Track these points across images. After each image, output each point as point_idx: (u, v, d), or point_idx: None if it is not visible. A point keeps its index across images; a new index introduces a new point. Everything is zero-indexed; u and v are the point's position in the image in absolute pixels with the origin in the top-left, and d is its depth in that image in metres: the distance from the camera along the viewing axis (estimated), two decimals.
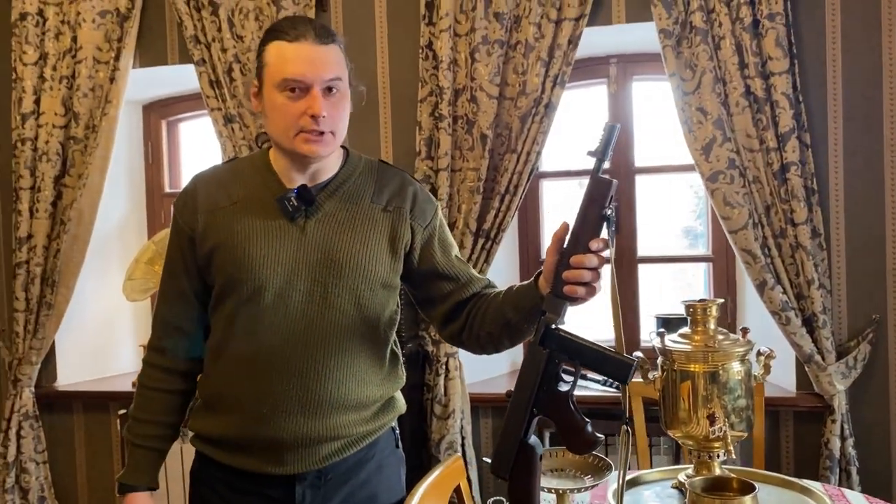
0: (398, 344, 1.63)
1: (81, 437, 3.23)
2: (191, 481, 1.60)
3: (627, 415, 1.29)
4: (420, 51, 2.70)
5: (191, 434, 1.59)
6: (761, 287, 2.47)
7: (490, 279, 1.62)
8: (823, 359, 2.47)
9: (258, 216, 1.47)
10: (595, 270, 1.27)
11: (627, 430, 1.28)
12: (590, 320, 2.40)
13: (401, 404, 1.63)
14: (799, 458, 2.61)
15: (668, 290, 3.24)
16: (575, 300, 1.28)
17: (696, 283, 3.22)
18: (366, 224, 1.50)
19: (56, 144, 3.01)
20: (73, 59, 2.99)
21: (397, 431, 1.66)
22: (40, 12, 3.01)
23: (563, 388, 1.29)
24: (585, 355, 1.28)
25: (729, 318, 2.88)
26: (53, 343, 3.14)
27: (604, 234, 1.27)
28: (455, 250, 1.61)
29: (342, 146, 1.57)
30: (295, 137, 1.42)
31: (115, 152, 3.03)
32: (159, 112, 3.42)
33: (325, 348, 1.45)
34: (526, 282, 1.47)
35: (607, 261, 1.27)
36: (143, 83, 3.15)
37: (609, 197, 1.27)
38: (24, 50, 3.01)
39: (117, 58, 2.96)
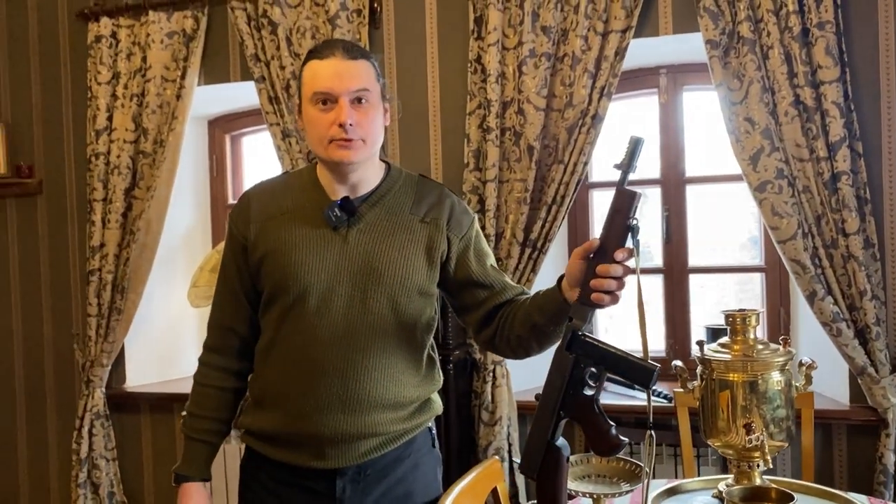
0: (435, 349, 1.69)
1: (148, 437, 3.38)
2: (240, 474, 1.70)
3: (651, 420, 1.32)
4: (469, 65, 2.77)
5: (241, 432, 1.69)
6: (811, 298, 2.44)
7: (524, 288, 1.67)
8: (877, 371, 2.42)
9: (305, 226, 1.57)
10: (619, 280, 1.30)
11: (651, 435, 1.30)
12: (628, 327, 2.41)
13: (437, 406, 1.69)
14: (852, 472, 2.56)
15: (734, 301, 3.20)
16: (600, 307, 1.33)
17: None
18: (404, 234, 1.58)
19: (127, 158, 3.18)
20: (142, 78, 3.16)
21: (434, 431, 1.72)
22: (114, 34, 3.20)
23: (589, 392, 1.33)
24: (609, 360, 1.32)
25: (782, 329, 2.84)
26: (123, 346, 3.30)
27: (629, 244, 1.31)
28: (491, 260, 1.67)
29: (385, 161, 1.66)
30: (328, 146, 1.52)
31: (181, 165, 3.18)
32: (223, 127, 3.58)
33: (364, 350, 1.54)
34: (551, 286, 1.51)
35: (632, 270, 1.30)
36: (208, 100, 3.30)
37: (633, 208, 1.30)
38: (98, 70, 3.20)
39: (183, 76, 3.12)
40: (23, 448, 3.57)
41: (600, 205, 3.13)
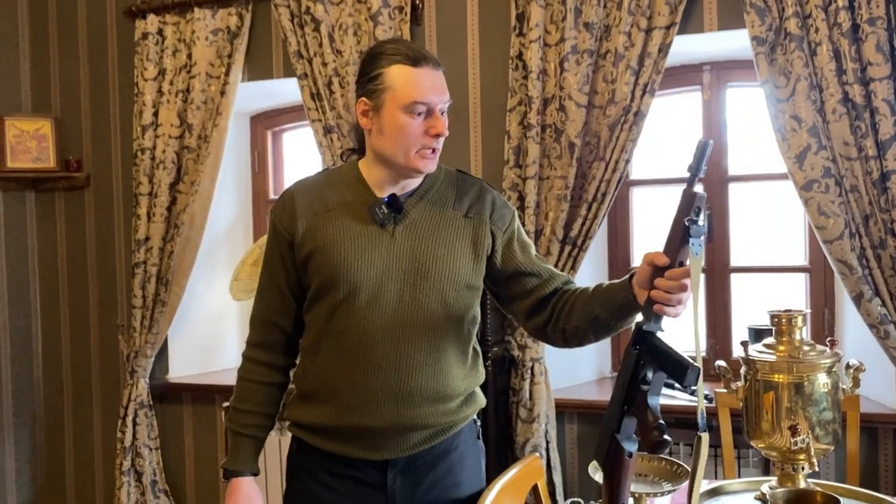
0: (478, 343, 1.72)
1: (190, 427, 3.45)
2: (288, 466, 1.72)
3: (702, 421, 1.31)
4: (510, 61, 2.76)
5: (287, 423, 1.71)
6: (858, 299, 2.40)
7: (570, 276, 1.71)
8: None
9: (352, 222, 1.59)
10: (676, 296, 1.34)
11: (700, 437, 1.30)
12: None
13: (481, 399, 1.72)
14: None
15: (787, 302, 3.15)
16: (662, 316, 1.37)
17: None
18: (449, 230, 1.60)
19: (172, 153, 3.24)
20: (187, 75, 3.21)
21: (478, 424, 1.75)
22: (160, 31, 3.26)
23: (644, 388, 1.35)
24: (659, 358, 1.34)
25: (826, 331, 2.80)
26: (166, 338, 3.36)
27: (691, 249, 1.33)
28: (533, 249, 1.70)
29: None
30: (415, 154, 1.54)
31: (224, 161, 3.23)
32: (265, 123, 3.62)
33: (415, 344, 1.56)
34: (618, 280, 1.54)
35: (688, 287, 1.34)
36: (251, 96, 3.34)
37: (694, 208, 1.33)
38: (145, 66, 3.26)
39: (227, 72, 3.17)
40: (69, 435, 3.67)
41: (641, 203, 3.11)
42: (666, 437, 1.31)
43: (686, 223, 1.33)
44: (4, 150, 3.46)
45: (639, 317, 1.44)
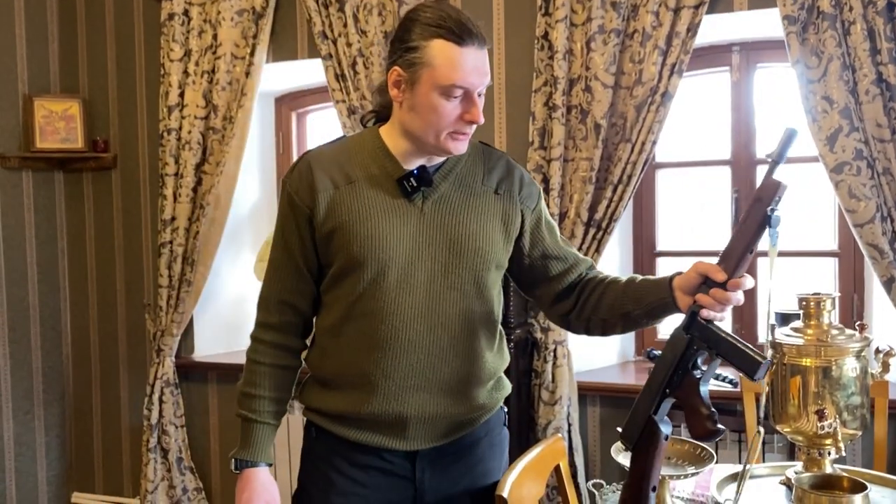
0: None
1: (215, 405, 3.49)
2: (304, 454, 1.62)
3: (762, 415, 1.32)
4: (536, 41, 2.74)
5: (303, 407, 1.62)
6: (889, 284, 2.36)
7: (591, 261, 1.66)
8: None
9: (378, 196, 1.48)
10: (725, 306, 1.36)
11: (759, 431, 1.29)
12: None
13: (508, 384, 1.67)
14: None
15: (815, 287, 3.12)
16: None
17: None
18: (480, 206, 1.52)
19: (197, 134, 3.25)
20: (213, 55, 3.21)
21: (506, 410, 1.70)
22: (186, 12, 3.26)
23: (697, 374, 1.34)
24: (722, 347, 1.33)
25: (855, 316, 2.75)
26: (192, 317, 3.40)
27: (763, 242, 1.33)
28: (557, 231, 1.65)
29: None
30: (446, 136, 1.44)
31: (248, 142, 3.24)
32: (289, 104, 3.62)
33: (449, 326, 1.49)
34: (656, 277, 1.51)
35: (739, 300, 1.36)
36: (276, 77, 3.34)
37: (776, 198, 1.31)
38: (171, 47, 3.27)
39: (252, 53, 3.17)
40: (97, 412, 3.73)
41: (666, 186, 3.07)
42: (720, 426, 1.30)
43: (768, 212, 1.31)
44: (34, 131, 3.50)
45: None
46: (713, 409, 1.31)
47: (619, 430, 1.42)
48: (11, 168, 3.50)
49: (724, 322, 1.39)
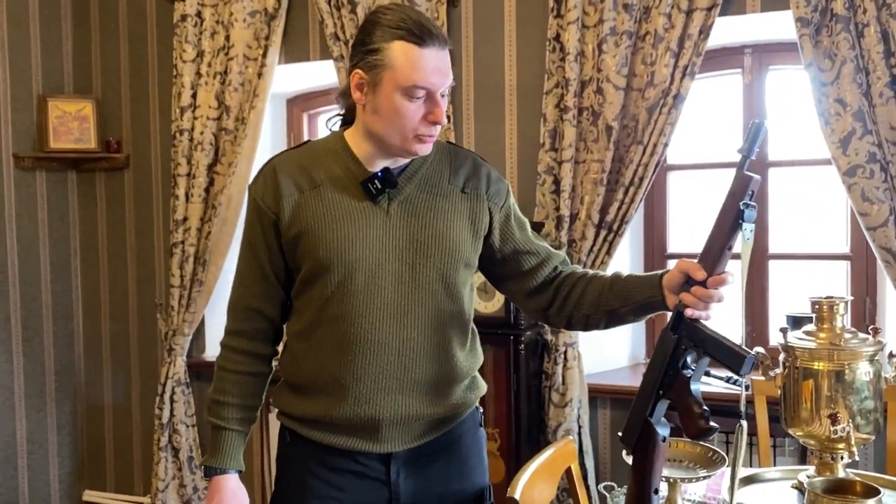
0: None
1: None
2: (279, 459, 1.62)
3: (744, 409, 1.31)
4: (547, 43, 2.74)
5: (276, 411, 1.61)
6: None
7: (564, 255, 1.65)
8: None
9: (343, 199, 1.48)
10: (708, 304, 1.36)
11: (741, 425, 1.29)
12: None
13: (483, 384, 1.65)
14: None
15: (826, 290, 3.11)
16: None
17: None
18: (446, 206, 1.52)
19: (209, 135, 3.27)
20: (225, 56, 3.23)
21: (481, 411, 1.69)
22: (198, 13, 3.28)
23: (687, 374, 1.33)
24: (708, 344, 1.32)
25: (867, 320, 2.74)
26: (203, 317, 3.41)
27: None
28: (528, 226, 1.64)
29: None
30: (412, 139, 1.44)
31: (260, 143, 3.25)
32: (301, 105, 3.64)
33: (419, 327, 1.49)
34: (643, 274, 1.51)
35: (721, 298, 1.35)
36: (287, 78, 3.36)
37: (748, 193, 1.31)
38: (183, 48, 3.29)
39: (265, 55, 3.18)
40: (109, 410, 3.75)
41: (678, 188, 3.07)
42: (712, 424, 1.30)
43: (741, 207, 1.31)
44: (47, 131, 3.52)
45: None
46: (705, 408, 1.31)
47: (620, 434, 1.42)
48: (25, 168, 3.53)
49: (731, 323, 1.39)
